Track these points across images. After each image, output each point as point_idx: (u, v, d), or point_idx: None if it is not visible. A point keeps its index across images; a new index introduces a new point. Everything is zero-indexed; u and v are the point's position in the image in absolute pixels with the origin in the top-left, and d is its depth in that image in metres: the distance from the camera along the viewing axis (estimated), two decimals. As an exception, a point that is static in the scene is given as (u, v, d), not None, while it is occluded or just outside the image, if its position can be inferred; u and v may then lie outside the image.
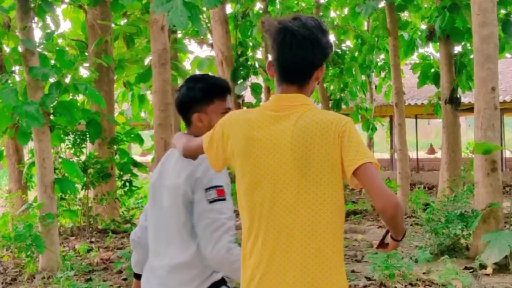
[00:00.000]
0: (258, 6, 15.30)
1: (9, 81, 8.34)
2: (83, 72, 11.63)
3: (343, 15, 16.33)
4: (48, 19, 9.47)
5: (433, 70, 13.27)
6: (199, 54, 14.96)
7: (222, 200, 2.45)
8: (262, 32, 10.36)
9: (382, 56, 17.47)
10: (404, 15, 15.64)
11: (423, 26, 14.23)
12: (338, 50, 15.97)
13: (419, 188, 15.63)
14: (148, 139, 14.39)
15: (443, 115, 11.78)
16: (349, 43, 17.07)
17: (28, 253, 7.28)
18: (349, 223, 10.56)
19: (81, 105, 10.96)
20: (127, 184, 10.53)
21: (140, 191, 11.49)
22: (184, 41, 14.98)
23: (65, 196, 9.62)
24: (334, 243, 2.07)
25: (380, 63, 17.82)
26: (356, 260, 7.48)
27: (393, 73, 12.82)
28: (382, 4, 13.03)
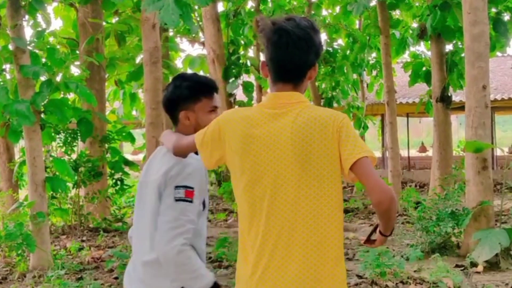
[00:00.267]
0: (250, 5, 15.31)
1: (0, 79, 8.30)
2: (74, 71, 11.62)
3: (335, 14, 16.37)
4: (39, 17, 9.40)
5: (425, 69, 13.33)
6: (191, 53, 15.03)
7: (188, 202, 2.43)
8: (256, 32, 10.36)
9: (374, 55, 17.53)
10: (396, 14, 15.68)
11: (415, 25, 14.27)
12: (330, 49, 16.01)
13: (411, 186, 15.69)
14: (140, 138, 14.34)
15: (434, 114, 11.82)
16: (341, 42, 17.13)
17: (19, 252, 7.24)
18: (341, 221, 10.53)
19: (72, 104, 10.94)
20: (119, 183, 10.49)
21: (132, 190, 11.45)
22: (176, 39, 14.98)
23: (56, 195, 9.60)
24: (335, 236, 2.11)
25: (372, 62, 17.88)
26: (348, 258, 7.47)
27: (385, 72, 12.85)
28: (374, 3, 13.08)
